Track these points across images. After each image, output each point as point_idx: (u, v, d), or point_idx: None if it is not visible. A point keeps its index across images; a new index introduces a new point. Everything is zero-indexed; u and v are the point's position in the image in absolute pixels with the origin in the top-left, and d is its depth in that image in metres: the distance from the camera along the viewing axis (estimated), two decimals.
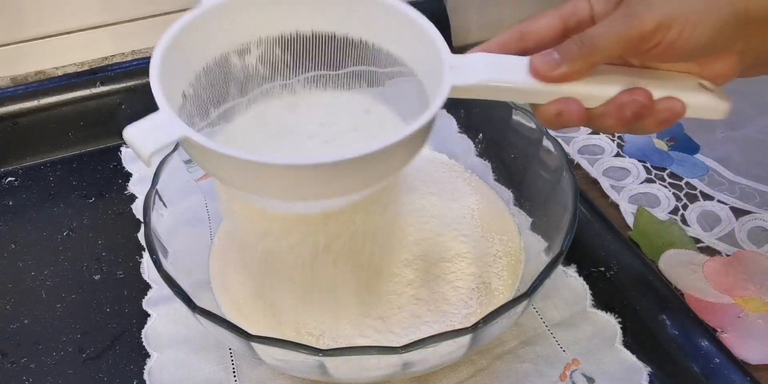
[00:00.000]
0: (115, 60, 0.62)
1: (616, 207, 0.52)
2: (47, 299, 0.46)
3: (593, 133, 0.58)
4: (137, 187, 0.54)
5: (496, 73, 0.31)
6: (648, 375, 0.40)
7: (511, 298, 0.34)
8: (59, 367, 0.43)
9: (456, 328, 0.33)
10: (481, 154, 0.50)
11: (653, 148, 0.57)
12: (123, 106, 0.58)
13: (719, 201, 0.52)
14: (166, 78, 0.29)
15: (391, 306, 0.41)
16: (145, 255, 0.48)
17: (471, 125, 0.50)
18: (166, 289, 0.36)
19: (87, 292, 0.47)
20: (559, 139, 0.45)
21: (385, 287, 0.41)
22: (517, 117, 0.45)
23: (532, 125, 0.44)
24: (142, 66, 0.59)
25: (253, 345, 0.33)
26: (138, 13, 0.60)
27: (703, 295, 0.45)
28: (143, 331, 0.44)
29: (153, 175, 0.41)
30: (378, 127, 0.36)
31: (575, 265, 0.46)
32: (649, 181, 0.54)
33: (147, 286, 0.46)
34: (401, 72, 0.35)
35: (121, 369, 0.42)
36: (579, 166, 0.55)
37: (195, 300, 0.35)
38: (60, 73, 0.61)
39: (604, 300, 0.44)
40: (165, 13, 0.61)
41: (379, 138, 0.30)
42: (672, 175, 0.54)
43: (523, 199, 0.47)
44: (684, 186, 0.53)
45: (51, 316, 0.45)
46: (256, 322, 0.41)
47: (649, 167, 0.55)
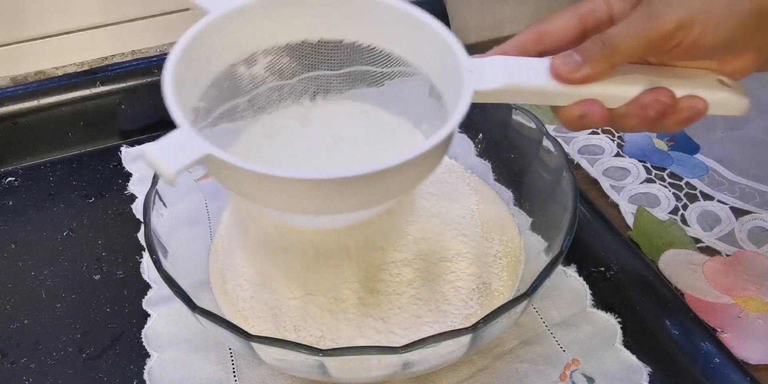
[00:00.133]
0: (115, 60, 0.62)
1: (616, 207, 0.52)
2: (47, 299, 0.46)
3: (593, 133, 0.58)
4: (137, 187, 0.54)
5: (517, 77, 0.30)
6: (648, 375, 0.40)
7: (511, 298, 0.34)
8: (59, 367, 0.43)
9: (456, 328, 0.33)
10: (481, 154, 0.50)
11: (653, 148, 0.57)
12: (123, 106, 0.58)
13: (719, 201, 0.52)
14: (179, 93, 0.29)
15: (391, 306, 0.41)
16: (145, 255, 0.48)
17: (471, 125, 0.50)
18: (166, 289, 0.36)
19: (87, 292, 0.47)
20: (559, 139, 0.45)
21: (386, 287, 0.41)
22: (517, 117, 0.45)
23: (532, 125, 0.44)
24: (142, 66, 0.59)
25: (253, 345, 0.33)
26: (138, 13, 0.60)
27: (703, 295, 0.45)
28: (143, 331, 0.44)
29: (153, 175, 0.41)
30: (391, 135, 0.36)
31: (575, 265, 0.46)
32: (649, 181, 0.54)
33: (147, 286, 0.46)
34: (405, 72, 0.35)
35: (121, 369, 0.42)
36: (579, 166, 0.55)
37: (195, 300, 0.35)
38: (60, 73, 0.61)
39: (604, 300, 0.44)
40: (165, 13, 0.61)
41: (396, 146, 0.30)
42: (672, 175, 0.54)
43: (523, 199, 0.47)
44: (684, 186, 0.53)
45: (51, 316, 0.45)
46: (256, 322, 0.41)
47: (649, 167, 0.55)
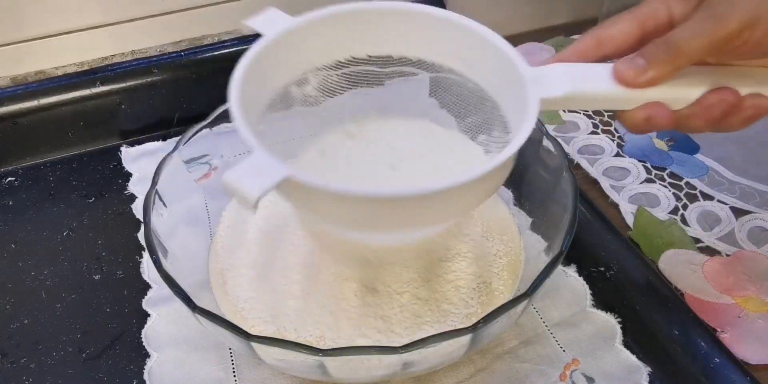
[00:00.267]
0: (115, 60, 0.62)
1: (616, 207, 0.52)
2: (47, 299, 0.46)
3: (593, 132, 0.59)
4: (137, 187, 0.54)
5: (581, 83, 0.30)
6: (648, 375, 0.41)
7: (511, 298, 0.34)
8: (59, 367, 0.43)
9: (457, 327, 0.33)
10: None
11: (653, 148, 0.57)
12: (123, 106, 0.59)
13: (719, 201, 0.52)
14: (247, 118, 0.29)
15: (391, 305, 0.41)
16: (145, 255, 0.48)
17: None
18: (166, 289, 0.36)
19: (87, 292, 0.47)
20: (559, 139, 0.45)
21: (386, 286, 0.41)
22: None
23: None
24: (142, 66, 0.59)
25: (253, 345, 0.33)
26: (138, 13, 0.60)
27: (703, 295, 0.45)
28: (143, 331, 0.44)
29: (153, 175, 0.41)
30: (447, 149, 0.36)
31: (575, 265, 0.46)
32: (649, 181, 0.54)
33: (147, 286, 0.46)
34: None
35: (121, 369, 0.42)
36: (579, 166, 0.55)
37: (195, 300, 0.35)
38: (60, 73, 0.61)
39: (604, 300, 0.44)
40: (165, 13, 0.61)
41: (453, 159, 0.30)
42: (672, 175, 0.54)
43: (523, 199, 0.47)
44: (684, 186, 0.53)
45: (51, 316, 0.45)
46: (256, 322, 0.41)
47: (649, 167, 0.55)
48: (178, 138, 0.44)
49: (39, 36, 0.58)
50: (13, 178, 0.56)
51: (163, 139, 0.58)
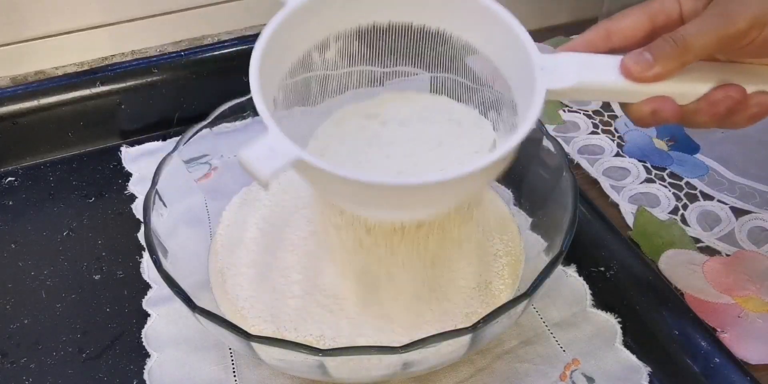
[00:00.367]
0: (114, 60, 0.62)
1: (616, 207, 0.52)
2: (47, 299, 0.46)
3: (593, 132, 0.59)
4: (137, 187, 0.54)
5: (589, 74, 0.31)
6: (648, 375, 0.41)
7: (511, 298, 0.34)
8: (59, 367, 0.43)
9: (457, 326, 0.33)
10: None
11: (653, 148, 0.57)
12: (123, 106, 0.58)
13: (719, 201, 0.52)
14: (265, 94, 0.29)
15: (391, 305, 0.41)
16: (145, 255, 0.48)
17: None
18: (166, 289, 0.36)
19: (87, 292, 0.47)
20: (559, 139, 0.45)
21: (386, 285, 0.41)
22: None
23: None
24: (142, 66, 0.59)
25: (253, 345, 0.33)
26: (138, 13, 0.60)
27: (703, 295, 0.45)
28: (143, 331, 0.44)
29: (153, 175, 0.41)
30: (459, 125, 0.36)
31: (575, 265, 0.46)
32: (649, 181, 0.54)
33: (147, 286, 0.46)
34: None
35: (121, 369, 0.42)
36: (579, 166, 0.55)
37: (195, 300, 0.35)
38: (60, 73, 0.61)
39: (604, 300, 0.44)
40: (165, 13, 0.61)
41: (465, 136, 0.30)
42: (672, 174, 0.54)
43: (523, 199, 0.47)
44: (684, 186, 0.53)
45: (51, 316, 0.45)
46: (256, 322, 0.41)
47: (649, 167, 0.55)
48: (178, 138, 0.44)
49: (39, 36, 0.59)
50: (13, 178, 0.56)
51: (163, 139, 0.58)
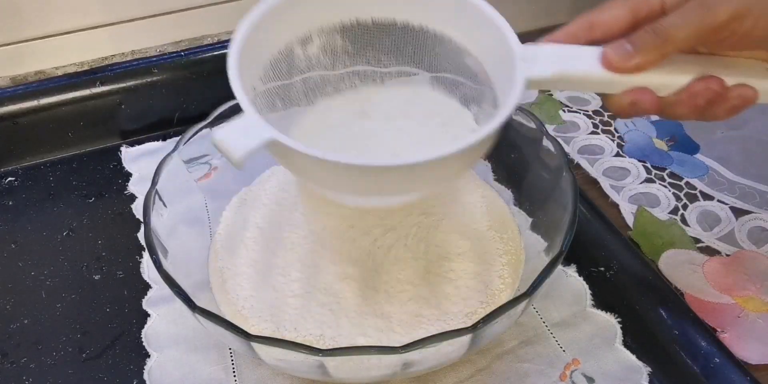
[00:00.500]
0: (115, 60, 0.62)
1: (616, 207, 0.52)
2: (47, 299, 0.46)
3: (593, 132, 0.58)
4: (137, 187, 0.54)
5: (569, 65, 0.31)
6: (648, 375, 0.40)
7: (511, 298, 0.34)
8: (59, 367, 0.43)
9: (457, 327, 0.33)
10: None
11: (653, 148, 0.57)
12: (123, 106, 0.59)
13: (719, 201, 0.52)
14: (243, 77, 0.30)
15: (391, 304, 0.41)
16: (145, 255, 0.48)
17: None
18: (166, 289, 0.36)
19: (87, 292, 0.47)
20: (559, 139, 0.45)
21: (386, 285, 0.41)
22: (517, 117, 0.45)
23: (532, 125, 0.44)
24: (142, 66, 0.59)
25: (253, 345, 0.33)
26: (138, 13, 0.60)
27: (703, 295, 0.45)
28: (143, 331, 0.44)
29: (153, 175, 0.41)
30: (440, 116, 0.37)
31: (575, 265, 0.46)
32: (649, 181, 0.54)
33: (147, 286, 0.46)
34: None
35: (121, 369, 0.42)
36: (579, 166, 0.55)
37: (195, 300, 0.35)
38: (60, 73, 0.61)
39: (604, 300, 0.44)
40: (165, 13, 0.61)
41: (445, 127, 0.30)
42: (672, 174, 0.54)
43: (523, 199, 0.47)
44: (684, 186, 0.53)
45: (51, 316, 0.45)
46: (256, 321, 0.41)
47: (649, 167, 0.55)
48: (178, 138, 0.44)
49: (39, 36, 0.59)
50: (13, 178, 0.56)
51: (163, 139, 0.58)
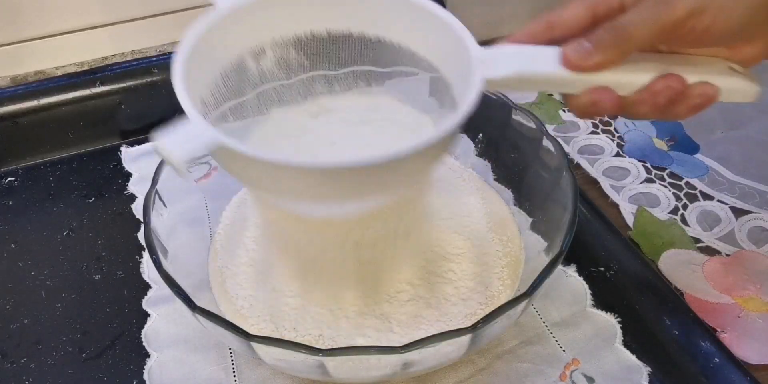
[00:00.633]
0: (115, 60, 0.62)
1: (616, 207, 0.52)
2: (47, 299, 0.46)
3: (593, 132, 0.58)
4: (137, 187, 0.54)
5: (528, 65, 0.31)
6: (648, 375, 0.40)
7: (511, 298, 0.34)
8: (59, 367, 0.43)
9: (456, 327, 0.33)
10: (480, 154, 0.50)
11: (653, 148, 0.57)
12: (123, 106, 0.59)
13: (719, 201, 0.52)
14: (189, 85, 0.29)
15: (391, 305, 0.41)
16: (145, 255, 0.48)
17: (471, 125, 0.50)
18: (166, 289, 0.36)
19: (87, 292, 0.47)
20: (559, 139, 0.45)
21: (385, 286, 0.41)
22: (517, 117, 0.45)
23: (532, 125, 0.44)
24: (142, 66, 0.59)
25: (253, 345, 0.33)
26: (138, 13, 0.60)
27: (703, 295, 0.45)
28: (143, 331, 0.44)
29: (153, 175, 0.41)
30: (399, 122, 0.36)
31: (575, 265, 0.46)
32: (649, 180, 0.54)
33: (147, 286, 0.46)
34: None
35: (121, 369, 0.42)
36: (579, 166, 0.55)
37: (195, 300, 0.35)
38: (60, 73, 0.61)
39: (604, 300, 0.44)
40: (165, 13, 0.61)
41: (404, 132, 0.29)
42: (672, 174, 0.54)
43: (522, 199, 0.47)
44: (684, 186, 0.53)
45: (51, 316, 0.45)
46: (255, 321, 0.41)
47: (649, 167, 0.55)
48: None
49: (39, 36, 0.59)
50: (13, 178, 0.56)
51: None
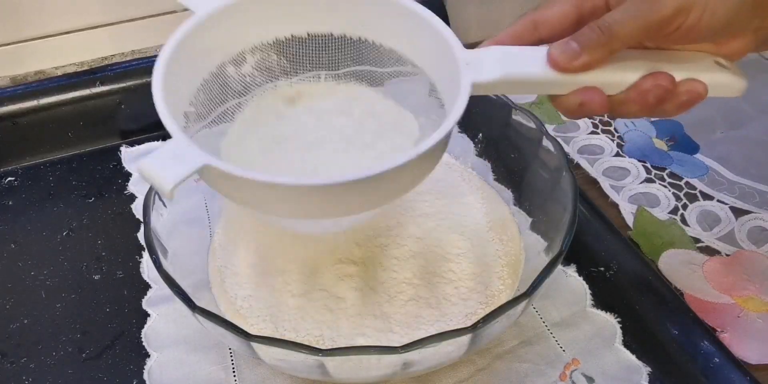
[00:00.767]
0: (114, 60, 0.62)
1: (616, 207, 0.52)
2: (47, 299, 0.46)
3: (592, 132, 0.58)
4: (137, 186, 0.54)
5: (515, 67, 0.30)
6: (648, 375, 0.40)
7: (511, 298, 0.34)
8: (59, 367, 0.43)
9: (456, 327, 0.33)
10: (480, 154, 0.50)
11: (653, 148, 0.57)
12: (123, 106, 0.58)
13: (719, 201, 0.52)
14: (170, 101, 0.28)
15: (391, 305, 0.41)
16: (145, 255, 0.48)
17: (470, 125, 0.50)
18: (166, 289, 0.36)
19: (87, 292, 0.47)
20: (558, 139, 0.45)
21: (385, 286, 0.41)
22: (516, 117, 0.45)
23: (532, 125, 0.44)
24: (142, 66, 0.59)
25: (253, 345, 0.33)
26: (138, 13, 0.60)
27: (702, 295, 0.45)
28: (143, 330, 0.44)
29: None
30: (386, 122, 0.36)
31: (575, 265, 0.46)
32: (648, 180, 0.54)
33: (147, 286, 0.46)
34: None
35: (121, 369, 0.42)
36: (579, 166, 0.55)
37: (195, 300, 0.35)
38: (60, 73, 0.61)
39: (604, 300, 0.44)
40: (165, 13, 0.61)
41: (391, 134, 0.29)
42: (672, 174, 0.54)
43: (522, 199, 0.47)
44: (684, 186, 0.53)
45: (51, 316, 0.45)
46: (255, 321, 0.41)
47: (649, 167, 0.55)
48: None
49: (39, 36, 0.59)
50: (13, 178, 0.56)
51: (163, 139, 0.58)
